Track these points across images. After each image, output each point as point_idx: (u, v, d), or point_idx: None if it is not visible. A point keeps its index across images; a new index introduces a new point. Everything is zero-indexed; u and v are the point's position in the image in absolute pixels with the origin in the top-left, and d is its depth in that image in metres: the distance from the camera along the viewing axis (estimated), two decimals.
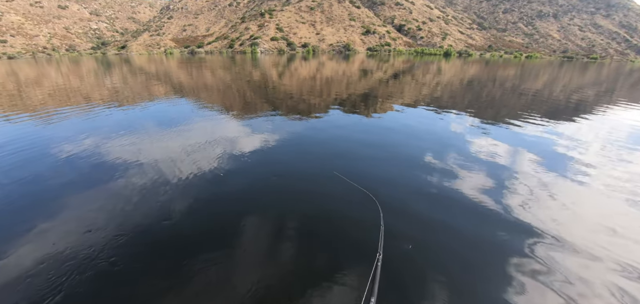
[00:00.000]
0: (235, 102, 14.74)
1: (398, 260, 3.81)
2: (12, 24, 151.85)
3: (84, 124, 10.82)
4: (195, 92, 18.18)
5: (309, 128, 9.95)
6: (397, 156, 7.40)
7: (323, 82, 22.92)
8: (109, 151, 7.84)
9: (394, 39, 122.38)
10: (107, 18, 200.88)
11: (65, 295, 3.30)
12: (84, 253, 3.93)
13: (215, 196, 5.45)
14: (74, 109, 13.66)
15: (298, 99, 15.20)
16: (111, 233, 4.37)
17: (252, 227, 4.49)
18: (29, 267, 3.69)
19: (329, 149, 7.90)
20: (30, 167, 6.90)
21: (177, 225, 4.58)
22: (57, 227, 4.55)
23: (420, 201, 5.27)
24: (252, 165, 6.81)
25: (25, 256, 3.89)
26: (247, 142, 8.38)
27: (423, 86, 20.81)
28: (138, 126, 10.37)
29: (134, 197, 5.39)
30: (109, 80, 26.46)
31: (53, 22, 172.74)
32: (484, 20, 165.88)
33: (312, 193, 5.54)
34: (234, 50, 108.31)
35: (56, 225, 4.59)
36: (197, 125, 10.40)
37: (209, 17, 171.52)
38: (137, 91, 19.43)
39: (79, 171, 6.65)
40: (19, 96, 18.03)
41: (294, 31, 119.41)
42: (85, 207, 5.14)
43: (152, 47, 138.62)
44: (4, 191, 5.77)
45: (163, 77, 28.44)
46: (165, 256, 3.95)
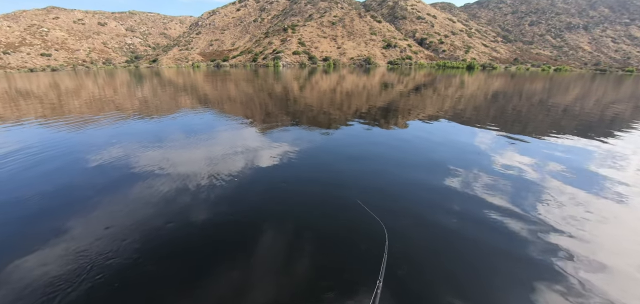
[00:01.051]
0: (257, 114, 15.12)
1: (412, 285, 3.74)
2: (56, 39, 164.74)
3: (115, 132, 11.49)
4: (219, 104, 18.84)
5: (328, 141, 10.03)
6: (415, 170, 7.30)
7: (343, 95, 23.08)
8: (137, 158, 8.26)
9: (415, 53, 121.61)
10: (141, 34, 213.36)
11: (88, 294, 3.48)
12: (107, 255, 4.14)
13: (234, 205, 5.58)
14: (108, 118, 14.52)
15: (318, 112, 15.39)
16: (134, 236, 4.59)
17: (265, 238, 4.56)
18: (56, 265, 3.94)
19: (344, 164, 7.91)
20: (65, 171, 7.41)
21: (197, 232, 4.74)
22: (85, 229, 4.82)
23: (440, 216, 5.16)
24: (271, 176, 6.95)
25: (53, 255, 4.15)
26: (267, 153, 8.56)
27: (445, 99, 20.47)
28: (165, 135, 10.87)
29: (158, 204, 5.63)
30: (139, 92, 27.95)
31: (93, 37, 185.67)
32: (509, 33, 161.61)
33: (325, 211, 5.56)
34: (257, 64, 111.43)
35: (84, 227, 4.87)
36: (220, 135, 10.75)
37: (234, 32, 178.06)
38: (165, 102, 20.40)
39: (108, 177, 7.04)
40: (59, 105, 19.42)
41: (315, 45, 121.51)
42: (112, 211, 5.42)
43: (180, 61, 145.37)
44: (42, 191, 6.21)
45: (190, 89, 29.69)
46: (184, 260, 4.09)
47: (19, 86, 39.41)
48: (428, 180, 6.68)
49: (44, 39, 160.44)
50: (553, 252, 4.20)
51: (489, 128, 11.81)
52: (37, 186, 6.55)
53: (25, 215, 5.34)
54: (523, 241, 4.45)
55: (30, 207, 5.60)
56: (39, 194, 6.14)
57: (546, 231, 4.71)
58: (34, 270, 3.85)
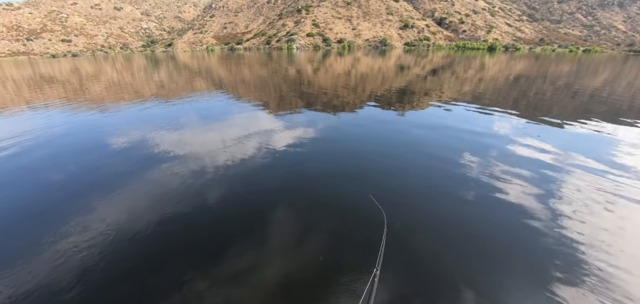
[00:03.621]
0: (271, 97, 15.09)
1: (414, 274, 3.69)
2: (76, 25, 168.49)
3: (134, 115, 11.77)
4: (233, 88, 18.92)
5: (341, 124, 9.91)
6: (428, 156, 7.12)
7: (358, 78, 22.69)
8: (154, 141, 8.45)
9: (433, 33, 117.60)
10: (156, 18, 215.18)
11: (108, 269, 3.63)
12: (126, 233, 4.29)
13: (247, 187, 5.64)
14: (126, 102, 14.86)
15: (332, 95, 15.21)
16: (152, 216, 4.74)
17: (276, 220, 4.61)
18: (82, 241, 4.11)
19: (356, 148, 7.81)
20: (89, 153, 7.67)
21: (211, 213, 4.84)
22: (107, 208, 5.00)
23: (452, 203, 5.04)
24: (284, 160, 6.95)
25: (79, 232, 4.32)
26: (281, 137, 8.56)
27: (464, 82, 19.77)
28: (181, 119, 11.04)
29: (175, 185, 5.78)
30: (156, 76, 28.39)
31: (110, 22, 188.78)
32: (535, 11, 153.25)
33: (335, 195, 5.52)
34: (271, 47, 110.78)
35: (106, 207, 5.05)
36: (235, 119, 10.82)
37: (248, 15, 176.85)
38: (181, 86, 20.66)
39: (128, 159, 7.27)
40: (81, 90, 20.01)
41: (330, 27, 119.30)
42: (132, 191, 5.60)
43: (195, 45, 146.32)
44: (67, 174, 6.46)
45: (204, 73, 29.92)
46: (198, 240, 4.18)
47: (43, 71, 40.78)
48: (442, 166, 6.52)
49: (64, 25, 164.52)
50: (572, 246, 4.04)
51: (509, 113, 11.36)
52: (62, 167, 6.82)
53: (51, 196, 5.58)
54: (541, 232, 4.29)
55: (55, 188, 5.85)
56: (65, 176, 6.41)
57: (566, 223, 4.53)
58: (59, 244, 4.03)
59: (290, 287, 3.39)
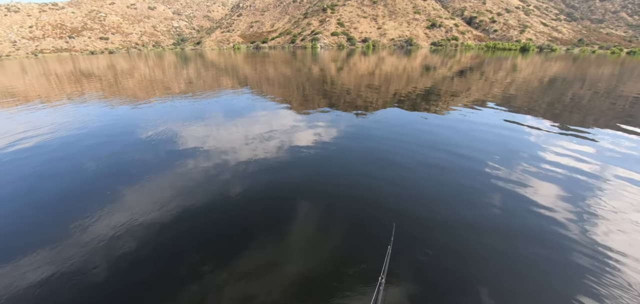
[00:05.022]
0: (294, 96, 15.22)
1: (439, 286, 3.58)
2: (113, 23, 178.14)
3: (163, 110, 12.28)
4: (258, 85, 19.25)
5: (364, 125, 9.82)
6: (454, 160, 6.89)
7: (382, 78, 22.39)
8: (181, 135, 8.77)
9: (462, 33, 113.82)
10: (186, 17, 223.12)
11: (134, 254, 3.80)
12: (152, 221, 4.48)
13: (268, 184, 5.72)
14: (156, 97, 15.53)
15: (355, 95, 15.10)
16: (176, 206, 4.93)
17: (295, 216, 4.63)
18: (111, 227, 4.34)
19: (376, 150, 7.69)
20: (120, 145, 8.10)
21: (232, 207, 4.95)
22: (135, 197, 5.26)
23: (475, 212, 4.85)
24: (305, 158, 6.99)
25: (109, 218, 4.57)
26: (303, 135, 8.61)
27: (493, 84, 18.97)
28: (207, 114, 11.40)
29: (198, 178, 5.98)
30: (185, 73, 29.45)
31: (144, 21, 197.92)
32: (574, 10, 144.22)
33: (353, 194, 5.47)
34: (295, 46, 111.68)
35: (134, 195, 5.31)
36: (258, 116, 11.01)
37: (274, 14, 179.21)
38: (208, 83, 21.31)
39: (156, 151, 7.59)
40: (115, 85, 21.14)
41: (354, 26, 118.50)
42: (158, 182, 5.84)
43: (222, 43, 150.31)
44: (101, 163, 6.85)
45: (230, 70, 30.68)
46: (218, 233, 4.29)
47: (82, 67, 43.44)
48: (466, 171, 6.28)
49: (102, 24, 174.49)
50: (608, 265, 3.77)
51: (542, 117, 10.78)
52: (97, 158, 7.25)
53: (86, 184, 5.94)
54: (573, 247, 4.03)
55: (90, 176, 6.23)
56: (98, 165, 6.81)
57: (601, 239, 4.23)
58: (91, 227, 4.29)
59: (304, 285, 3.40)
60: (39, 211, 5.08)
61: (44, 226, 4.65)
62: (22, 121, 11.30)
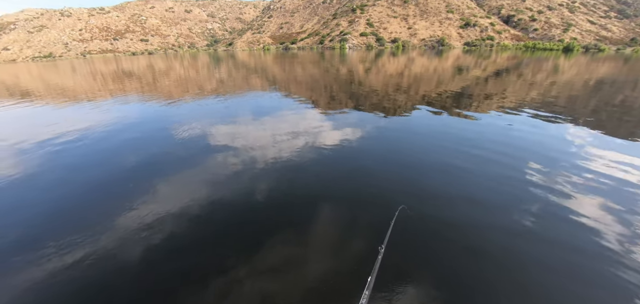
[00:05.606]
0: (321, 96, 15.27)
1: None
2: (152, 26, 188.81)
3: (195, 108, 12.86)
4: (286, 86, 19.54)
5: (390, 127, 9.64)
6: (485, 166, 6.56)
7: (411, 79, 21.88)
8: (211, 133, 9.12)
9: (498, 32, 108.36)
10: (219, 19, 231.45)
11: (163, 245, 3.99)
12: (181, 214, 4.69)
13: (293, 182, 5.79)
14: (190, 95, 16.25)
15: (383, 96, 14.88)
16: (204, 201, 5.13)
17: (318, 218, 4.63)
18: (143, 217, 4.59)
19: (401, 152, 7.51)
20: (155, 140, 8.58)
21: (257, 204, 5.06)
22: (166, 191, 5.53)
23: (508, 224, 4.59)
24: (329, 159, 6.98)
25: (143, 209, 4.84)
26: (328, 135, 8.61)
27: (532, 86, 17.85)
28: (236, 113, 11.76)
29: (226, 174, 6.19)
30: (217, 73, 30.54)
31: (180, 24, 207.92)
32: (627, 7, 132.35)
33: (377, 194, 5.37)
34: (324, 46, 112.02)
35: (166, 189, 5.58)
36: (285, 116, 11.17)
37: (303, 15, 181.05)
38: (238, 83, 21.95)
39: (187, 147, 7.96)
40: (153, 84, 22.35)
41: (384, 26, 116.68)
42: (188, 178, 6.11)
43: (252, 44, 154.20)
44: (138, 157, 7.29)
45: (260, 71, 31.38)
46: (242, 228, 4.39)
47: (124, 67, 46.38)
48: (499, 178, 5.96)
49: (143, 27, 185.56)
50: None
51: (586, 123, 10.00)
52: (134, 152, 7.73)
53: (123, 176, 6.35)
54: (619, 267, 3.70)
55: (127, 170, 6.65)
56: (136, 159, 7.25)
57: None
58: (125, 216, 4.57)
59: (325, 285, 3.39)
60: (81, 198, 5.52)
61: (84, 211, 5.05)
62: (70, 116, 12.32)
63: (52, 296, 3.37)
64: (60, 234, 4.43)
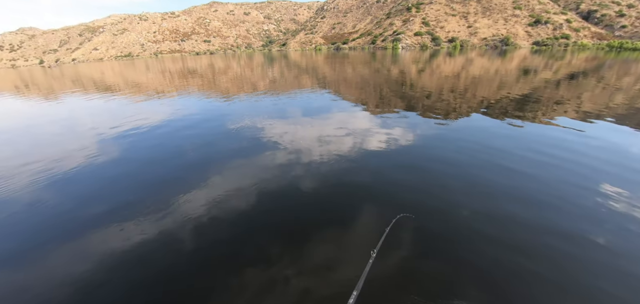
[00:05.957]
0: (371, 97, 15.05)
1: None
2: (214, 28, 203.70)
3: (249, 105, 13.61)
4: (335, 86, 19.63)
5: (442, 131, 9.13)
6: (550, 182, 5.83)
7: (468, 81, 20.47)
8: (262, 129, 9.55)
9: (576, 30, 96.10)
10: (275, 20, 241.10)
11: (213, 232, 4.26)
12: (230, 204, 4.97)
13: (337, 182, 5.79)
14: (244, 93, 17.19)
15: (436, 99, 14.16)
16: (252, 193, 5.39)
17: (360, 221, 4.56)
18: (197, 206, 4.96)
19: (453, 160, 7.03)
20: (211, 132, 9.27)
21: (302, 200, 5.16)
22: (218, 181, 5.92)
23: (575, 249, 4.04)
24: (375, 161, 6.84)
25: (195, 198, 5.24)
26: (376, 137, 8.46)
27: (616, 92, 15.49)
28: (286, 111, 12.16)
29: (273, 170, 6.42)
30: (270, 72, 31.81)
31: (239, 25, 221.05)
32: None
33: (421, 201, 5.10)
34: (375, 46, 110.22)
35: (218, 179, 5.98)
36: (333, 116, 11.23)
37: (356, 15, 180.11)
38: (289, 82, 22.62)
39: (240, 142, 8.45)
40: (213, 81, 24.07)
41: (441, 25, 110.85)
42: (239, 171, 6.47)
43: (305, 44, 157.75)
44: (195, 148, 7.94)
45: (310, 70, 31.97)
46: (288, 224, 4.51)
47: (189, 65, 50.66)
48: (566, 197, 5.28)
49: (207, 29, 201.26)
50: None
51: None
52: (192, 143, 8.44)
53: (180, 164, 6.96)
54: None
55: (184, 158, 7.28)
56: (192, 149, 7.92)
57: None
58: (182, 202, 4.99)
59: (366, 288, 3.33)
60: (146, 181, 6.19)
61: (147, 193, 5.64)
62: (141, 108, 13.84)
63: (121, 259, 3.83)
64: (123, 215, 5.02)
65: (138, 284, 3.52)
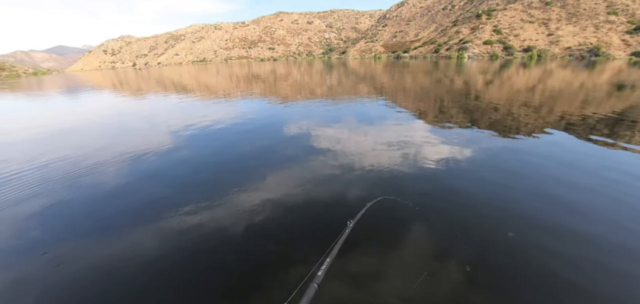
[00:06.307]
0: (430, 108, 14.41)
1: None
2: (279, 36, 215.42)
3: (305, 110, 14.10)
4: (393, 95, 19.22)
5: (510, 149, 8.29)
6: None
7: (545, 95, 18.33)
8: (316, 134, 9.81)
9: None
10: (336, 29, 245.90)
11: (262, 226, 4.49)
12: (281, 204, 5.17)
13: (388, 193, 5.60)
14: (302, 98, 17.81)
15: (505, 113, 12.96)
16: (301, 195, 5.54)
17: (410, 237, 4.37)
18: (249, 201, 5.27)
19: (520, 181, 6.31)
20: (268, 135, 9.83)
21: (350, 207, 5.10)
22: (272, 181, 6.21)
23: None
24: (430, 175, 6.50)
25: (248, 194, 5.57)
26: (432, 150, 8.05)
27: None
28: (341, 118, 12.33)
29: (325, 175, 6.51)
30: (328, 79, 32.44)
31: (302, 34, 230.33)
32: None
33: (482, 226, 4.67)
34: (439, 55, 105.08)
35: (272, 179, 6.27)
36: (388, 125, 11.01)
37: (420, 23, 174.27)
38: (346, 89, 22.80)
39: (293, 146, 8.76)
40: (274, 86, 25.40)
41: (515, 32, 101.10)
42: (291, 172, 6.70)
43: (364, 53, 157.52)
44: (252, 148, 8.46)
45: (368, 79, 31.79)
46: (332, 230, 4.52)
47: (253, 71, 54.21)
48: None
49: (272, 37, 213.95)
50: None
51: None
52: (250, 143, 9.04)
53: (240, 161, 7.49)
54: None
55: (244, 157, 7.82)
56: (251, 149, 8.46)
57: None
58: (235, 197, 5.36)
59: None
60: (206, 175, 6.77)
61: (206, 186, 6.16)
62: (210, 108, 15.25)
63: (174, 244, 4.26)
64: (182, 202, 5.58)
65: (190, 265, 3.88)
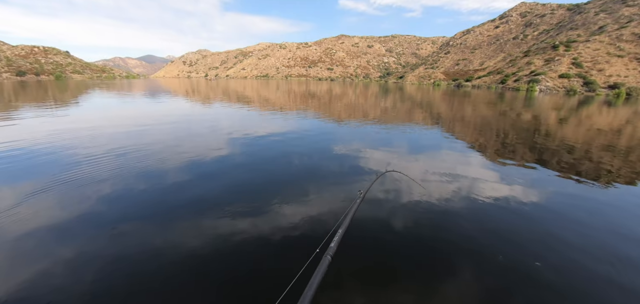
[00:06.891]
0: (490, 142, 13.41)
1: None
2: (338, 58, 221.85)
3: (356, 131, 14.15)
4: (450, 124, 18.35)
5: (586, 198, 7.26)
6: None
7: (635, 139, 15.84)
8: (364, 156, 9.78)
9: None
10: (396, 54, 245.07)
11: (296, 239, 4.52)
12: (320, 220, 5.19)
13: (437, 228, 5.33)
14: (354, 119, 17.92)
15: (581, 156, 11.47)
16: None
17: (460, 275, 4.05)
18: (288, 215, 5.38)
19: (597, 241, 5.45)
20: (316, 153, 10.04)
21: (396, 236, 4.96)
22: (313, 198, 6.28)
23: None
24: (486, 217, 6.00)
25: (289, 207, 5.69)
26: (489, 187, 7.45)
27: None
28: (392, 143, 12.13)
29: (369, 201, 6.36)
30: (382, 102, 32.21)
31: (361, 57, 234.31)
32: None
33: (541, 281, 4.12)
34: (505, 87, 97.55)
35: (314, 195, 6.34)
36: (442, 155, 10.52)
37: (486, 52, 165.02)
38: (401, 114, 22.36)
39: (340, 166, 8.81)
40: (328, 105, 26.01)
41: (599, 67, 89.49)
42: (333, 192, 6.71)
43: (423, 79, 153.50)
44: (300, 163, 8.70)
45: (425, 105, 30.81)
46: (377, 258, 4.42)
47: (311, 89, 56.15)
48: None
49: (332, 58, 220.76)
50: None
51: None
52: (299, 158, 9.30)
53: (285, 174, 7.75)
54: None
55: (291, 170, 8.08)
56: (298, 165, 8.70)
57: None
58: (276, 207, 5.53)
59: None
60: (254, 183, 7.11)
61: (252, 194, 6.44)
62: (265, 119, 16.12)
63: (217, 241, 4.51)
64: (235, 201, 5.93)
65: (226, 260, 4.08)
